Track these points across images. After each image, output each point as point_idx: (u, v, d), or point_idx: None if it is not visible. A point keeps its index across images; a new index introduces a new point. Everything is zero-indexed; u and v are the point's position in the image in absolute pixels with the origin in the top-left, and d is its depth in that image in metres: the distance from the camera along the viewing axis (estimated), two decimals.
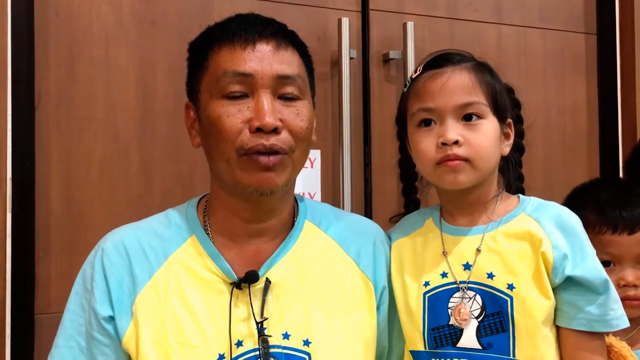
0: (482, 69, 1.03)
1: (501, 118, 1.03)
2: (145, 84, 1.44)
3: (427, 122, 1.01)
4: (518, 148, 1.12)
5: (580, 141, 1.87)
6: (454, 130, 0.98)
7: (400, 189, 1.62)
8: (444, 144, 0.98)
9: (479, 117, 1.00)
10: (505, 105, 1.04)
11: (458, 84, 1.00)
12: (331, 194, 1.58)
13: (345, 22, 1.57)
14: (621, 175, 1.84)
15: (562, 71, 1.86)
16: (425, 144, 1.01)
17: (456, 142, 0.98)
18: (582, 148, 1.87)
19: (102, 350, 0.96)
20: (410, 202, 1.17)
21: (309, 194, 1.20)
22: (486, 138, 0.99)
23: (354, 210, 1.54)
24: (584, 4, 1.89)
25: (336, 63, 1.58)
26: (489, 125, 1.00)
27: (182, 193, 1.44)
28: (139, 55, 1.43)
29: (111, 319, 0.96)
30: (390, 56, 1.63)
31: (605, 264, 1.16)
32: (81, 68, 1.39)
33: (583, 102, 1.88)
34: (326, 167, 1.59)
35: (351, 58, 1.58)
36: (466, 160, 0.98)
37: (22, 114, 1.32)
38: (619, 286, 1.15)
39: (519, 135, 1.12)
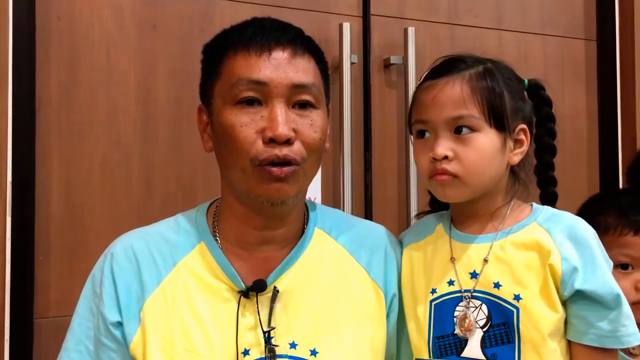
0: (483, 77, 1.00)
1: (502, 128, 0.99)
2: (146, 88, 1.44)
3: (422, 134, 1.01)
4: (549, 149, 1.09)
5: (580, 147, 1.87)
6: (444, 145, 0.97)
7: (400, 195, 1.65)
8: (434, 158, 0.97)
9: (471, 130, 0.97)
10: (507, 112, 0.99)
11: (449, 97, 0.98)
12: (331, 200, 1.58)
13: (346, 27, 1.57)
14: (621, 181, 1.84)
15: (562, 77, 1.86)
16: (421, 157, 1.01)
17: (446, 157, 0.97)
18: (581, 154, 1.87)
19: (110, 356, 0.96)
20: (435, 199, 1.12)
21: (310, 198, 1.20)
22: (478, 153, 0.97)
23: (354, 215, 1.54)
24: (584, 10, 1.90)
25: (337, 68, 1.58)
26: (483, 139, 0.97)
27: (183, 197, 1.44)
28: (140, 59, 1.43)
29: (119, 324, 0.96)
30: (391, 61, 1.64)
31: (623, 267, 1.16)
32: (82, 72, 1.39)
33: (583, 108, 1.88)
34: (327, 173, 1.59)
35: (352, 63, 1.58)
36: (455, 176, 0.97)
37: (23, 118, 1.32)
38: (636, 289, 1.15)
39: (550, 135, 1.09)
